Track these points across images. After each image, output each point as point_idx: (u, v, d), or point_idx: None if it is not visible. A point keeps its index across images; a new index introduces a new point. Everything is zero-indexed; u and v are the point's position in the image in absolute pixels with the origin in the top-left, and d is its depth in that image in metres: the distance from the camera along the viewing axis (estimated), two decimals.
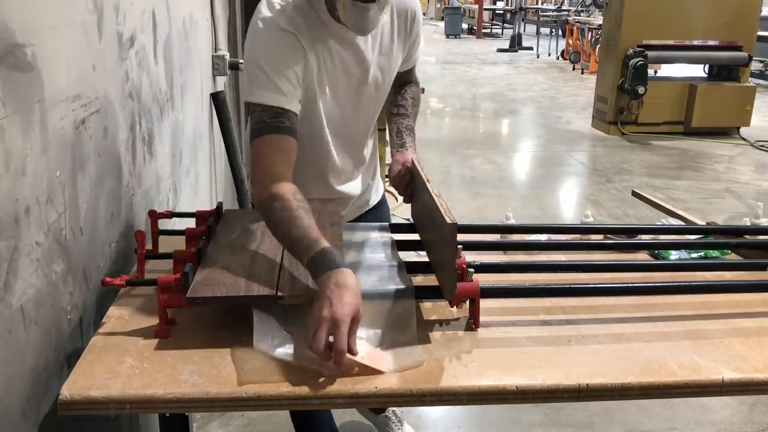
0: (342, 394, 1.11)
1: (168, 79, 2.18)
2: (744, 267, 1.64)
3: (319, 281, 1.20)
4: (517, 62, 14.13)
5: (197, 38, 2.77)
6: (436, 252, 1.41)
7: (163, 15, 2.14)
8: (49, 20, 1.20)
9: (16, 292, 1.06)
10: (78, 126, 1.33)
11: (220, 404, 1.10)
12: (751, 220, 1.88)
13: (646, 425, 2.60)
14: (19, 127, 1.07)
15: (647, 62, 7.22)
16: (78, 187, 1.33)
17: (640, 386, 1.16)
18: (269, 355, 1.18)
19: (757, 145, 7.09)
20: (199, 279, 1.27)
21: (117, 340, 1.23)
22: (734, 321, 1.38)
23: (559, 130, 7.81)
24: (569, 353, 1.25)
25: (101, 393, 1.08)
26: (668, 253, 1.70)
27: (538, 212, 5.00)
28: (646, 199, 2.38)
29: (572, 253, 1.68)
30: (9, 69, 1.04)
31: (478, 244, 1.64)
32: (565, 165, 6.38)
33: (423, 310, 1.38)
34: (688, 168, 6.24)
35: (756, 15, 7.58)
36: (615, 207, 5.09)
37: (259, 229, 1.55)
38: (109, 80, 1.53)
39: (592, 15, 13.81)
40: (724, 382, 1.18)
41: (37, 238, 1.14)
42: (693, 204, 5.15)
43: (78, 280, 1.33)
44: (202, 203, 2.82)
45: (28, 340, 1.11)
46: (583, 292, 1.43)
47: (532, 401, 1.18)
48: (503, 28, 20.67)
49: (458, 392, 1.14)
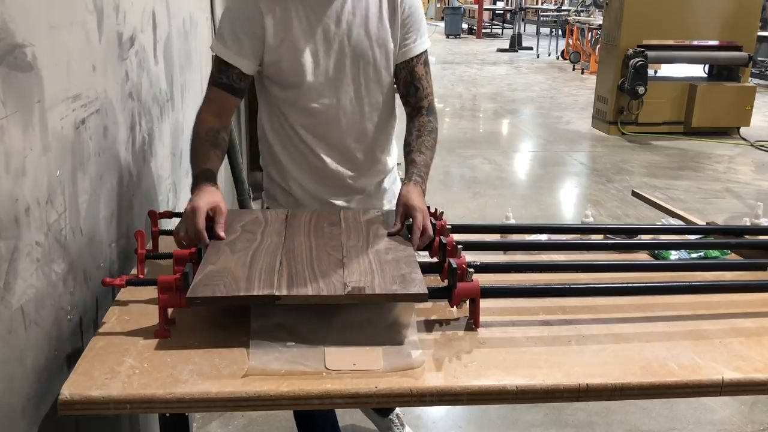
0: (342, 394, 1.11)
1: (168, 79, 2.18)
2: (744, 267, 1.64)
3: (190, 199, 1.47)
4: (517, 62, 14.13)
5: (197, 38, 2.77)
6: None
7: (163, 15, 2.14)
8: (49, 20, 1.20)
9: (16, 292, 1.06)
10: (78, 126, 1.33)
11: (220, 404, 1.10)
12: (751, 220, 1.88)
13: (646, 425, 2.60)
14: (19, 127, 1.07)
15: (647, 62, 7.22)
16: (78, 187, 1.33)
17: (640, 386, 1.16)
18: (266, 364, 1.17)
19: (757, 145, 7.09)
20: (199, 279, 1.27)
21: (117, 340, 1.23)
22: (734, 321, 1.38)
23: (559, 130, 7.81)
24: (569, 353, 1.25)
25: (101, 393, 1.08)
26: (668, 253, 1.70)
27: (538, 212, 5.00)
28: (646, 199, 2.38)
29: (572, 253, 1.68)
30: (9, 69, 1.04)
31: (478, 244, 1.64)
32: (565, 165, 6.38)
33: (423, 310, 1.38)
34: (688, 168, 6.25)
35: (756, 15, 7.59)
36: (615, 207, 5.09)
37: (259, 229, 1.55)
38: (109, 80, 1.53)
39: (592, 15, 13.81)
40: (724, 382, 1.18)
41: (37, 238, 1.14)
42: (693, 204, 5.15)
43: (78, 280, 1.33)
44: None
45: (28, 340, 1.11)
46: (583, 292, 1.43)
47: (532, 401, 1.18)
48: (503, 28, 20.69)
49: (458, 392, 1.14)
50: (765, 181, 5.93)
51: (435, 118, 1.77)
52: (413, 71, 1.74)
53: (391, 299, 1.29)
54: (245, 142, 4.64)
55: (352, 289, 1.25)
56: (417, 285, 1.28)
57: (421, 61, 1.75)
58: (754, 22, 7.61)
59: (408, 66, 1.74)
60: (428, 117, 1.74)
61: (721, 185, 5.73)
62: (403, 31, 1.70)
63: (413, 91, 1.75)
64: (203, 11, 2.99)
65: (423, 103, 1.75)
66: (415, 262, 1.38)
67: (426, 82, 1.75)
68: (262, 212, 1.67)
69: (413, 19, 1.71)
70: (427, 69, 1.76)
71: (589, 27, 12.11)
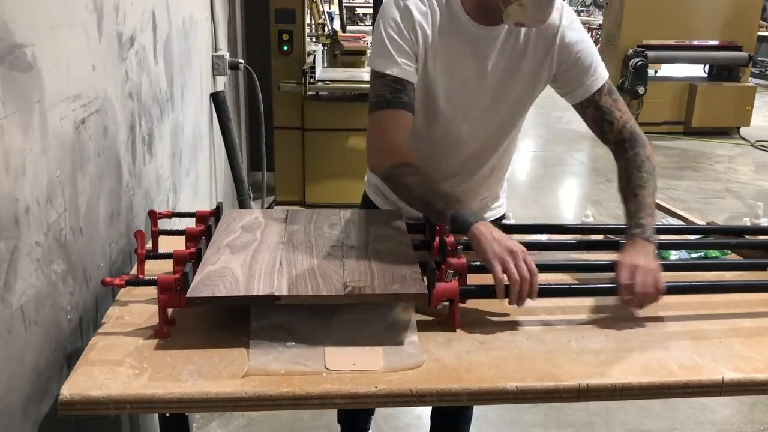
0: (342, 394, 1.11)
1: (168, 79, 2.18)
2: (744, 267, 1.64)
3: (474, 230, 1.30)
4: None
5: (197, 38, 2.77)
6: None
7: (163, 15, 2.14)
8: (49, 20, 1.20)
9: (16, 292, 1.06)
10: (78, 126, 1.33)
11: (220, 404, 1.10)
12: (751, 220, 1.88)
13: (646, 425, 2.60)
14: (19, 127, 1.07)
15: (647, 62, 7.22)
16: (78, 187, 1.33)
17: (640, 386, 1.16)
18: (266, 364, 1.17)
19: (757, 145, 7.09)
20: (199, 279, 1.27)
21: (117, 340, 1.23)
22: (734, 321, 1.38)
23: (559, 130, 7.81)
24: (569, 353, 1.24)
25: (101, 393, 1.08)
26: (668, 253, 1.70)
27: (538, 212, 5.00)
28: None
29: (572, 253, 1.68)
30: (9, 69, 1.04)
31: None
32: (566, 165, 6.38)
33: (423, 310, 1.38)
34: (688, 168, 6.25)
35: (756, 15, 7.59)
36: (615, 207, 5.09)
37: (259, 229, 1.55)
38: (109, 80, 1.53)
39: (592, 15, 13.82)
40: (724, 382, 1.18)
41: (37, 238, 1.14)
42: (693, 204, 5.15)
43: (78, 280, 1.33)
44: (202, 203, 2.82)
45: (28, 340, 1.11)
46: (583, 292, 1.43)
47: (532, 401, 1.18)
48: None
49: (458, 392, 1.14)
50: (765, 181, 5.93)
51: (641, 144, 1.55)
52: (599, 106, 1.57)
53: (391, 299, 1.29)
54: (245, 142, 4.65)
55: (352, 289, 1.25)
56: (417, 285, 1.28)
57: (604, 92, 1.57)
58: (754, 22, 7.61)
59: (592, 103, 1.57)
60: (633, 150, 1.54)
61: (721, 185, 5.73)
62: (561, 69, 1.56)
63: (608, 128, 1.58)
64: (203, 11, 2.99)
65: (624, 134, 1.57)
66: (415, 262, 1.38)
67: (618, 112, 1.58)
68: (262, 212, 1.67)
69: (573, 56, 1.55)
70: (615, 97, 1.59)
71: (589, 27, 12.12)
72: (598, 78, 1.56)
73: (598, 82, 1.56)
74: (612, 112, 1.57)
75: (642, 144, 1.55)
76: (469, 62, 1.54)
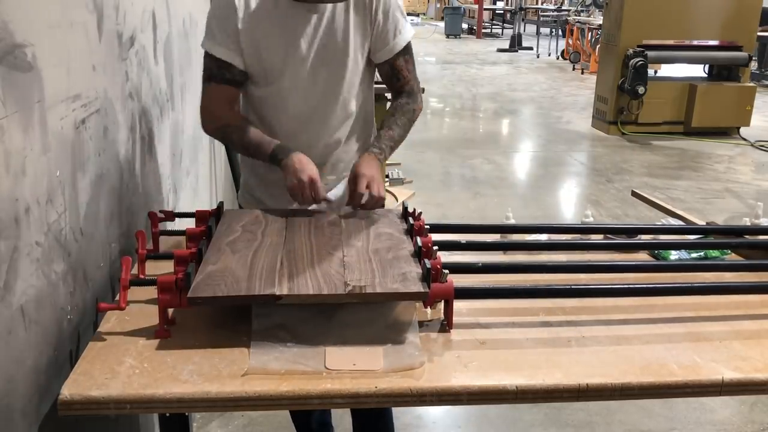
0: (342, 394, 1.11)
1: (168, 79, 2.18)
2: (744, 267, 1.64)
3: (285, 163, 1.61)
4: (517, 62, 14.12)
5: (197, 38, 2.76)
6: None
7: (163, 15, 2.14)
8: (49, 20, 1.20)
9: (16, 292, 1.06)
10: (78, 126, 1.33)
11: (220, 404, 1.10)
12: (751, 220, 1.88)
13: (646, 425, 2.60)
14: (19, 127, 1.07)
15: (647, 62, 7.22)
16: (78, 187, 1.33)
17: (640, 386, 1.16)
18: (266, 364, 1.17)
19: (757, 145, 7.09)
20: (200, 279, 1.27)
21: (117, 340, 1.23)
22: (734, 322, 1.38)
23: (559, 130, 7.81)
24: (569, 353, 1.25)
25: (101, 393, 1.08)
26: (668, 253, 1.70)
27: (538, 212, 4.99)
28: (646, 199, 2.38)
29: (572, 253, 1.68)
30: (9, 69, 1.04)
31: (478, 244, 1.64)
32: (565, 165, 6.38)
33: (423, 310, 1.38)
34: (688, 168, 6.25)
35: (756, 15, 7.59)
36: (615, 207, 5.09)
37: (260, 228, 1.55)
38: (109, 80, 1.53)
39: (592, 15, 13.80)
40: (724, 382, 1.18)
41: (37, 238, 1.14)
42: (693, 204, 5.15)
43: (78, 280, 1.33)
44: (202, 203, 2.82)
45: (28, 340, 1.11)
46: (583, 293, 1.43)
47: (532, 401, 1.18)
48: (503, 28, 20.66)
49: (458, 392, 1.14)
50: (765, 181, 5.93)
51: (414, 100, 1.83)
52: (393, 66, 1.79)
53: (392, 298, 1.29)
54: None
55: (353, 288, 1.25)
56: (418, 284, 1.28)
57: (401, 56, 1.78)
58: (754, 22, 7.60)
59: (388, 62, 1.78)
60: (406, 99, 1.82)
61: (721, 185, 5.73)
62: (377, 28, 1.72)
63: (395, 82, 1.82)
64: (203, 11, 2.98)
65: (405, 88, 1.83)
66: (415, 261, 1.38)
67: (406, 71, 1.81)
68: (263, 212, 1.67)
69: (387, 16, 1.72)
70: (407, 58, 1.80)
71: (589, 27, 12.11)
72: (401, 39, 1.75)
73: (401, 43, 1.75)
74: (401, 72, 1.81)
75: (415, 100, 1.83)
76: (290, 35, 1.67)
